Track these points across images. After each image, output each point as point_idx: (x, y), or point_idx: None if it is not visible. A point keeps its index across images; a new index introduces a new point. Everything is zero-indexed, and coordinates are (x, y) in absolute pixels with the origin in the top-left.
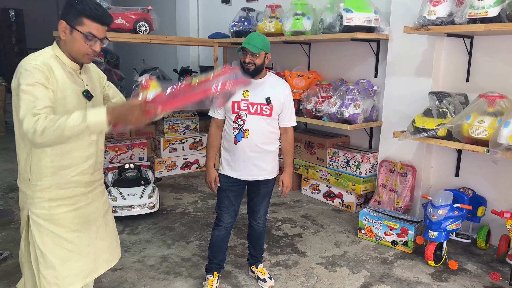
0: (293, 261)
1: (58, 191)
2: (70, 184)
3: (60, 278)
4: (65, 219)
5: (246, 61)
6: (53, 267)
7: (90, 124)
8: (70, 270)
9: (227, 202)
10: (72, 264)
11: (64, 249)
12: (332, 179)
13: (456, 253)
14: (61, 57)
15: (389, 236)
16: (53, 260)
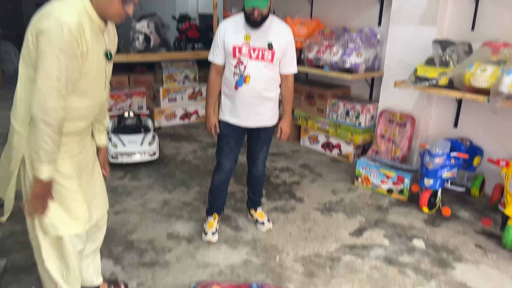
0: (291, 207)
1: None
2: (67, 134)
3: (58, 222)
4: (62, 165)
5: (255, 15)
6: (51, 210)
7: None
8: (68, 214)
9: (227, 148)
10: (70, 209)
11: (61, 194)
12: (331, 130)
13: (450, 201)
14: (91, 13)
15: (385, 184)
16: (51, 204)
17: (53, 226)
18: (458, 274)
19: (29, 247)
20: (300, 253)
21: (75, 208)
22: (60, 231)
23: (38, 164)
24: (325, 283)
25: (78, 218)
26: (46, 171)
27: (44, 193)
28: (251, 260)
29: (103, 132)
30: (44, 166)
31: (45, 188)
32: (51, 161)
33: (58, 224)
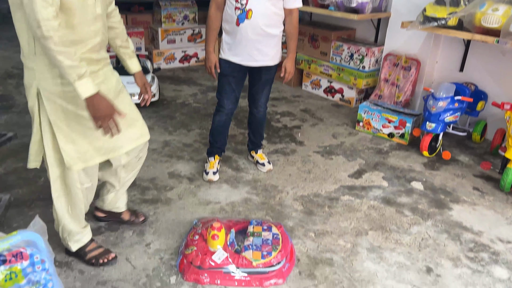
0: (291, 150)
1: None
2: (82, 62)
3: (81, 151)
4: None
5: None
6: (73, 141)
7: (77, 86)
8: (91, 145)
9: (228, 88)
10: (92, 140)
11: (82, 125)
12: (334, 74)
13: (450, 146)
14: None
15: (387, 128)
16: (72, 134)
17: (70, 157)
18: (454, 215)
19: (32, 183)
20: (299, 193)
21: (96, 138)
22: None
23: (74, 86)
24: (323, 221)
25: (100, 148)
26: (82, 89)
27: (102, 112)
28: (251, 198)
29: (133, 57)
30: (78, 85)
31: (98, 107)
32: (80, 76)
33: (75, 154)
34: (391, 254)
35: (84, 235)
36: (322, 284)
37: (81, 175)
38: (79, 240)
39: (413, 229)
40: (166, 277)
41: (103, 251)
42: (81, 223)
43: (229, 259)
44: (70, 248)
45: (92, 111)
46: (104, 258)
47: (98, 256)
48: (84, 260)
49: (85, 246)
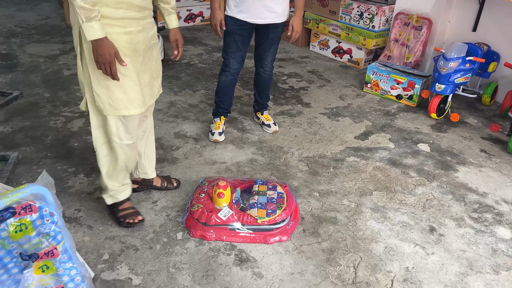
0: (297, 111)
1: (108, 9)
2: (121, 4)
3: (114, 99)
4: (117, 40)
5: None
6: (107, 87)
7: (84, 28)
8: (124, 94)
9: (234, 46)
10: (125, 88)
11: (118, 71)
12: (343, 33)
13: (459, 108)
14: None
15: (395, 90)
16: (106, 81)
17: (102, 101)
18: (460, 176)
19: (39, 141)
20: (304, 154)
21: (130, 88)
22: (105, 108)
23: (81, 27)
24: (328, 181)
25: (133, 99)
26: (88, 31)
27: (103, 57)
28: (256, 159)
29: (172, 13)
30: (84, 26)
31: (101, 52)
32: (89, 18)
33: (107, 99)
34: (395, 214)
35: (120, 193)
36: (326, 242)
37: (119, 129)
38: (113, 196)
39: (418, 190)
40: (172, 233)
41: (132, 212)
42: (118, 181)
43: (235, 217)
44: (105, 201)
45: (95, 54)
46: (131, 219)
47: (126, 216)
48: (114, 217)
49: (119, 203)
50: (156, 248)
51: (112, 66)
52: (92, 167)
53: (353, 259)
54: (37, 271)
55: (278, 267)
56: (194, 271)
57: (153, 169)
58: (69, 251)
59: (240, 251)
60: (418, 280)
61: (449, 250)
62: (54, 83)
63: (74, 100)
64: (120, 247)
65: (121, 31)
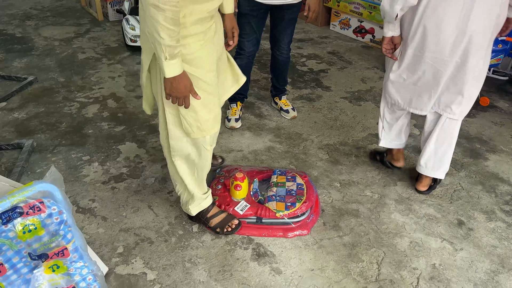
0: (317, 95)
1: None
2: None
3: (202, 121)
4: (201, 58)
5: None
6: (194, 111)
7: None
8: (210, 114)
9: (248, 28)
10: (211, 108)
11: (204, 91)
12: (365, 12)
13: (489, 91)
14: None
15: None
16: (193, 103)
17: (198, 128)
18: (490, 165)
19: (54, 128)
20: (325, 141)
21: (214, 105)
22: (204, 132)
23: (161, 63)
24: (350, 171)
25: (217, 115)
26: (169, 69)
27: (179, 92)
28: (274, 147)
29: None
30: (166, 64)
31: (177, 87)
32: (172, 56)
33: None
34: (420, 206)
35: (205, 200)
36: (347, 236)
37: (211, 137)
38: (200, 205)
39: (445, 180)
40: (188, 225)
41: (226, 218)
42: (204, 187)
43: (252, 210)
44: (190, 212)
45: (169, 88)
46: (228, 227)
47: (222, 223)
48: (206, 226)
49: (206, 211)
50: (171, 241)
51: (186, 100)
52: (107, 155)
53: (376, 254)
54: (47, 271)
55: (298, 262)
56: (210, 266)
57: None
58: (79, 249)
59: (258, 245)
60: (446, 278)
61: (479, 245)
62: (69, 67)
63: (88, 85)
64: (135, 239)
65: (207, 44)
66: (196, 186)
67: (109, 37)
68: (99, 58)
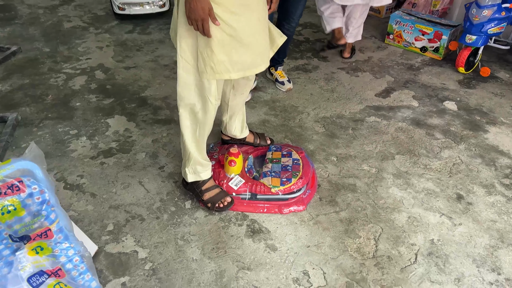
0: (313, 66)
1: None
2: None
3: (216, 61)
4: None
5: None
6: (210, 48)
7: None
8: (228, 56)
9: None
10: (229, 50)
11: (221, 30)
12: None
13: (489, 61)
14: None
15: (419, 41)
16: (211, 41)
17: (211, 68)
18: (490, 138)
19: (39, 101)
20: (321, 114)
21: (235, 50)
22: (217, 74)
23: None
24: (347, 144)
25: (236, 62)
26: None
27: (196, 14)
28: (269, 120)
29: None
30: None
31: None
32: None
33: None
34: (419, 180)
35: (204, 171)
36: (344, 211)
37: (218, 87)
38: (196, 173)
39: (444, 153)
40: (181, 202)
41: (219, 194)
42: (202, 153)
43: (247, 186)
44: (187, 177)
45: (187, 10)
46: (220, 203)
47: (214, 199)
48: (199, 200)
49: (202, 182)
50: (163, 218)
51: (204, 24)
52: (95, 129)
53: (374, 230)
54: (31, 253)
55: (293, 239)
56: (203, 243)
57: (243, 129)
58: (64, 230)
59: (252, 221)
60: (444, 253)
61: (478, 220)
62: (54, 37)
63: (75, 56)
64: (125, 216)
65: None
66: (195, 146)
67: (96, 5)
68: (86, 27)
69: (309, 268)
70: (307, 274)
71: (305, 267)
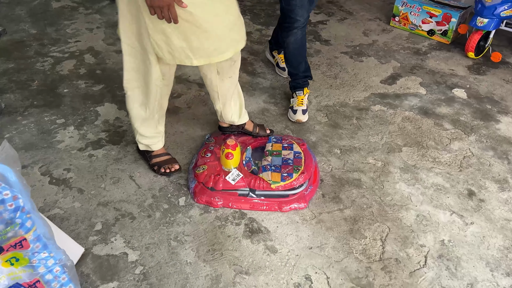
0: (315, 50)
1: None
2: None
3: (174, 47)
4: None
5: None
6: (164, 33)
7: None
8: (187, 42)
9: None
10: (188, 36)
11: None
12: None
13: (500, 45)
14: None
15: (427, 24)
16: (163, 25)
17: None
18: (502, 128)
19: (24, 87)
20: (323, 102)
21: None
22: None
23: None
24: (351, 135)
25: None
26: None
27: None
28: (269, 108)
29: None
30: None
31: None
32: None
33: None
34: (427, 174)
35: (155, 143)
36: (349, 209)
37: (164, 73)
38: (148, 146)
39: (453, 145)
40: (174, 198)
41: (168, 160)
42: (152, 127)
43: (245, 181)
44: (139, 145)
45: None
46: (167, 168)
47: (161, 163)
48: (148, 164)
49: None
50: (155, 216)
51: (171, 9)
52: (84, 118)
53: (380, 230)
54: (5, 264)
55: (294, 239)
56: (198, 244)
57: (242, 115)
58: (43, 238)
59: (251, 220)
60: (456, 256)
61: (491, 219)
62: (42, 17)
63: (63, 38)
64: (114, 215)
65: None
66: (142, 124)
67: None
68: (75, 7)
69: (311, 272)
70: (310, 279)
71: (307, 271)
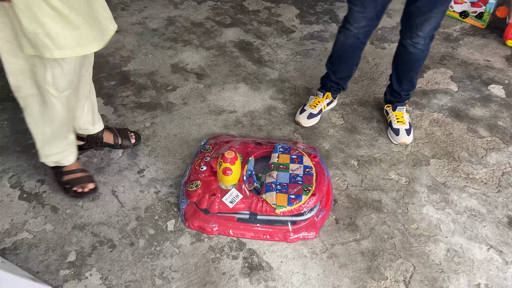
0: (331, 33)
1: None
2: None
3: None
4: None
5: None
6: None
7: None
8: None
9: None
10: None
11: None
12: None
13: None
14: None
15: (460, 5)
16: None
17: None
18: None
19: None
20: (339, 100)
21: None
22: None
23: None
24: (370, 142)
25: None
26: None
27: None
28: (276, 107)
29: None
30: None
31: None
32: None
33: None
34: (460, 195)
35: (66, 157)
36: (367, 240)
37: (56, 75)
38: (57, 161)
39: (490, 158)
40: (162, 222)
41: (82, 178)
42: (60, 141)
43: (245, 203)
44: (47, 163)
45: None
46: (79, 187)
47: (73, 181)
48: (59, 181)
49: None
50: (138, 245)
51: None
52: None
53: (404, 268)
54: None
55: (301, 280)
56: (187, 283)
57: (96, 121)
58: None
59: (251, 252)
60: None
61: None
62: None
63: None
64: (91, 242)
65: None
66: (48, 145)
67: None
68: None
69: None
70: None
71: None
